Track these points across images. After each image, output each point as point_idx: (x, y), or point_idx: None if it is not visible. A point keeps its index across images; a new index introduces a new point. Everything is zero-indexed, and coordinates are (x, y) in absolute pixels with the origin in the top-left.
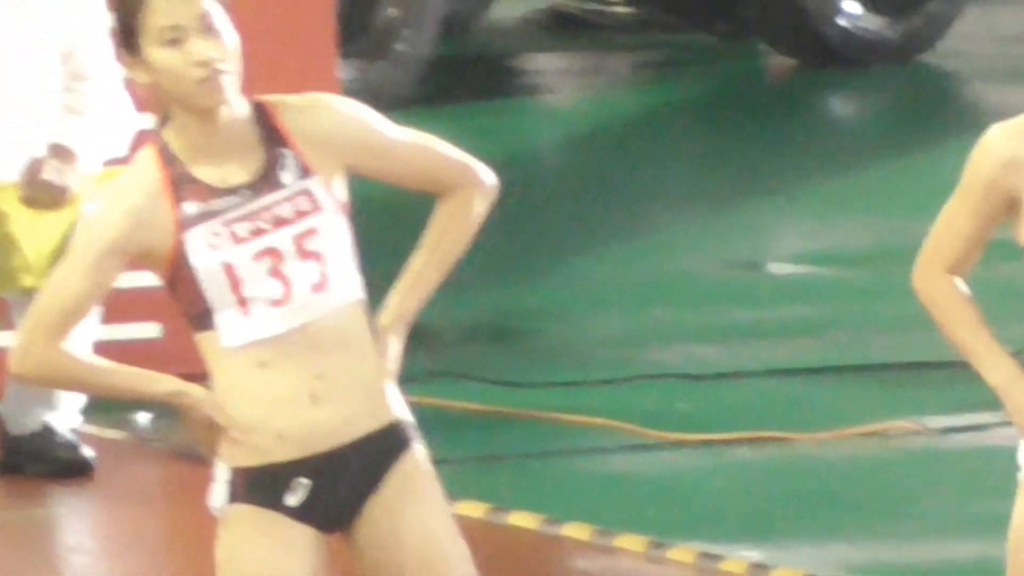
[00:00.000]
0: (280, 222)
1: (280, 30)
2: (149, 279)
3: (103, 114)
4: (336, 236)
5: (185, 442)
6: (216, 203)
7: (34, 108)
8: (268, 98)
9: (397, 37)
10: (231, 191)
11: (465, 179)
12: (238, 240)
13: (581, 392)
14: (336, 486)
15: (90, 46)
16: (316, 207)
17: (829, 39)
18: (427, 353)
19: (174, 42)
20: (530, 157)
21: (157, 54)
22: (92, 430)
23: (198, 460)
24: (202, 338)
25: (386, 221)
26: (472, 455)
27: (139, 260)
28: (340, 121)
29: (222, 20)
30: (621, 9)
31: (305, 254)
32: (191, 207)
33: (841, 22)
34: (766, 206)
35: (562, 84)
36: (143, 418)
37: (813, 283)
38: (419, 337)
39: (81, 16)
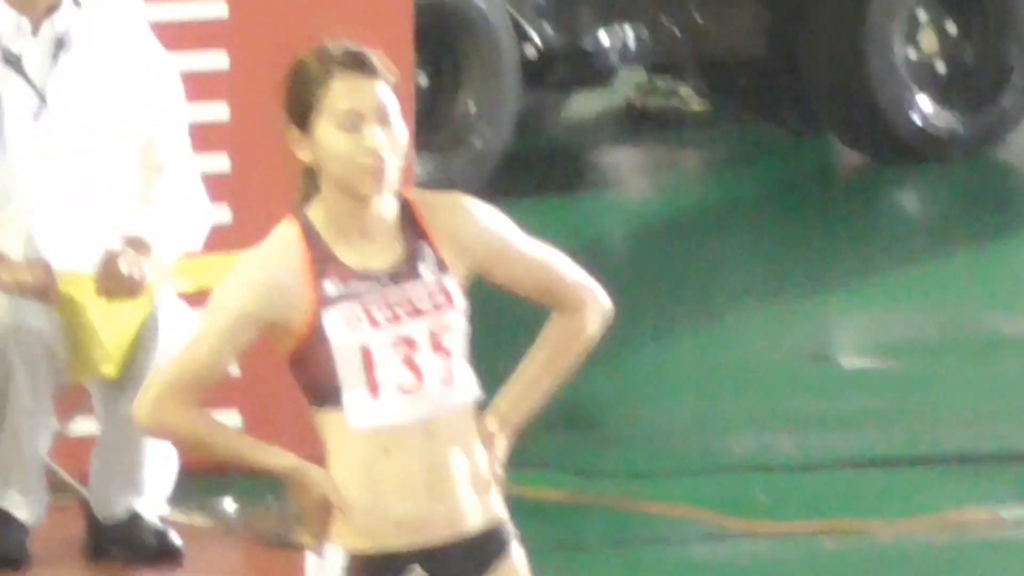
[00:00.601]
0: (417, 312)
1: None
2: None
3: (179, 206)
4: (463, 334)
5: (269, 530)
6: (355, 285)
7: (110, 199)
8: (410, 192)
9: (474, 131)
10: (370, 276)
11: (582, 300)
12: (375, 324)
13: (658, 481)
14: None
15: (169, 138)
16: (450, 303)
17: (901, 135)
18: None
19: (351, 127)
20: (603, 250)
21: (331, 136)
22: (179, 517)
23: (281, 547)
24: (325, 417)
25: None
26: (552, 544)
27: (268, 332)
28: (477, 225)
29: (396, 113)
30: (696, 105)
31: (438, 347)
32: (331, 287)
33: (914, 118)
34: (835, 298)
35: (635, 178)
36: (228, 506)
37: (882, 374)
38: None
39: (161, 108)
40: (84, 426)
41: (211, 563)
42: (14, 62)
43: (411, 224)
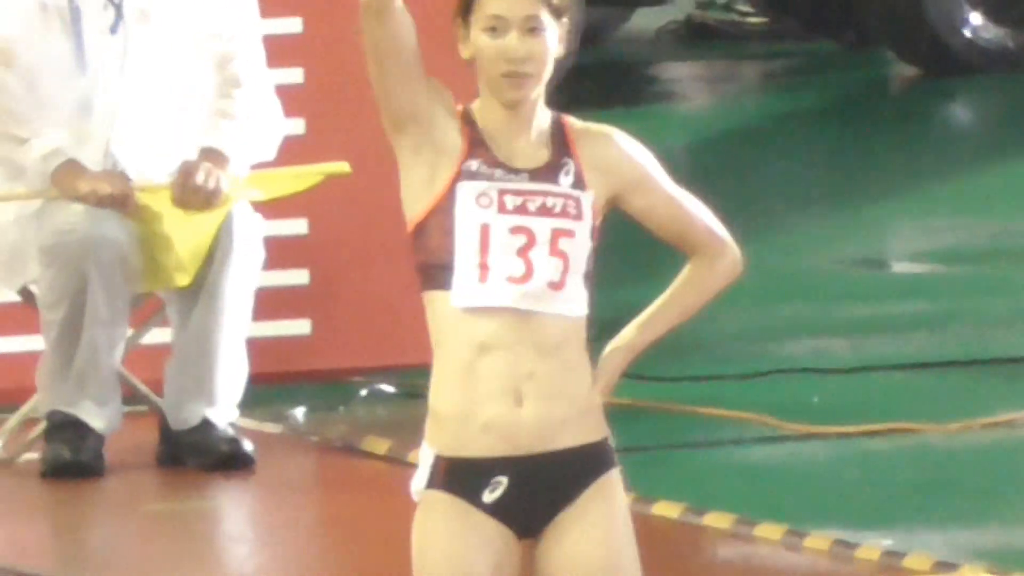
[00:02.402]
0: (545, 211)
1: (430, 37)
2: (297, 278)
3: (254, 118)
4: (584, 250)
5: (339, 437)
6: (497, 171)
7: (187, 111)
8: (566, 116)
9: None
10: (512, 169)
11: (713, 247)
12: (503, 209)
13: (717, 386)
14: (533, 492)
15: (244, 51)
16: (580, 216)
17: (952, 49)
18: None
19: (495, 32)
20: (663, 161)
21: (478, 37)
22: (250, 424)
23: (351, 452)
24: (433, 298)
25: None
26: (616, 447)
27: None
28: (623, 152)
29: (551, 30)
30: (754, 20)
31: (555, 249)
32: (475, 164)
33: (964, 32)
34: (888, 207)
35: (695, 91)
36: (298, 412)
37: (933, 280)
38: (613, 332)
39: (236, 22)
40: (158, 336)
41: (282, 470)
42: None
43: (560, 139)
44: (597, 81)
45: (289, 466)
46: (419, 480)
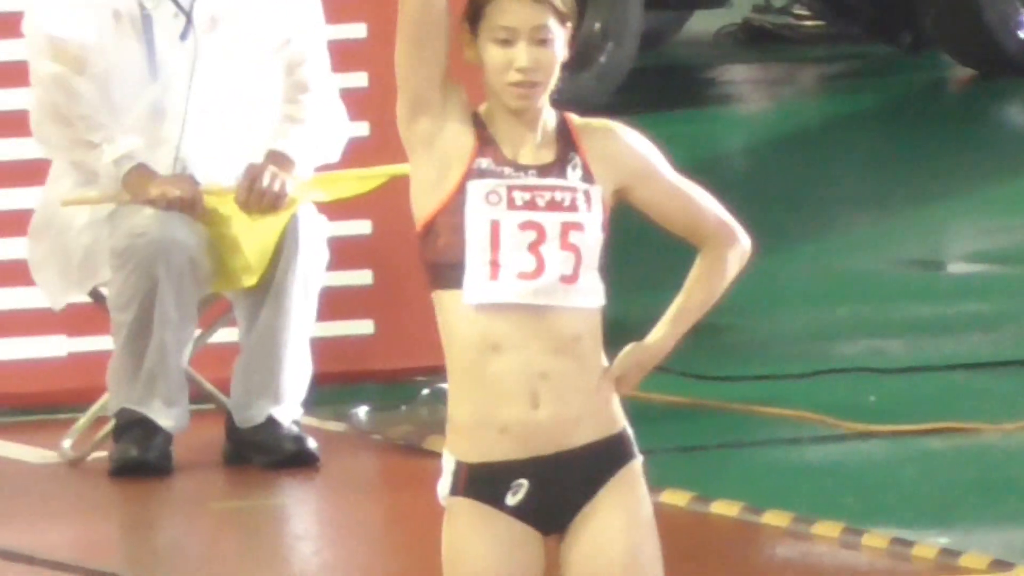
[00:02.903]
0: (554, 205)
1: None
2: (360, 279)
3: (320, 122)
4: (596, 242)
5: (402, 435)
6: (506, 169)
7: (255, 117)
8: (568, 114)
9: (600, 50)
10: (521, 167)
11: (721, 236)
12: (512, 205)
13: (774, 385)
14: (555, 491)
15: (310, 56)
16: (589, 208)
17: (1009, 50)
18: None
19: (504, 42)
20: (721, 163)
21: (487, 46)
22: (314, 422)
23: (414, 451)
24: (443, 297)
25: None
26: (675, 446)
27: (425, 147)
28: (627, 145)
29: (558, 38)
30: (811, 23)
31: (566, 243)
32: (484, 162)
33: (1020, 34)
34: (944, 209)
35: (752, 94)
36: (361, 411)
37: (989, 281)
38: (620, 333)
39: (302, 27)
40: (225, 336)
41: (346, 468)
42: None
43: (565, 136)
44: (656, 84)
45: (353, 465)
46: (444, 486)
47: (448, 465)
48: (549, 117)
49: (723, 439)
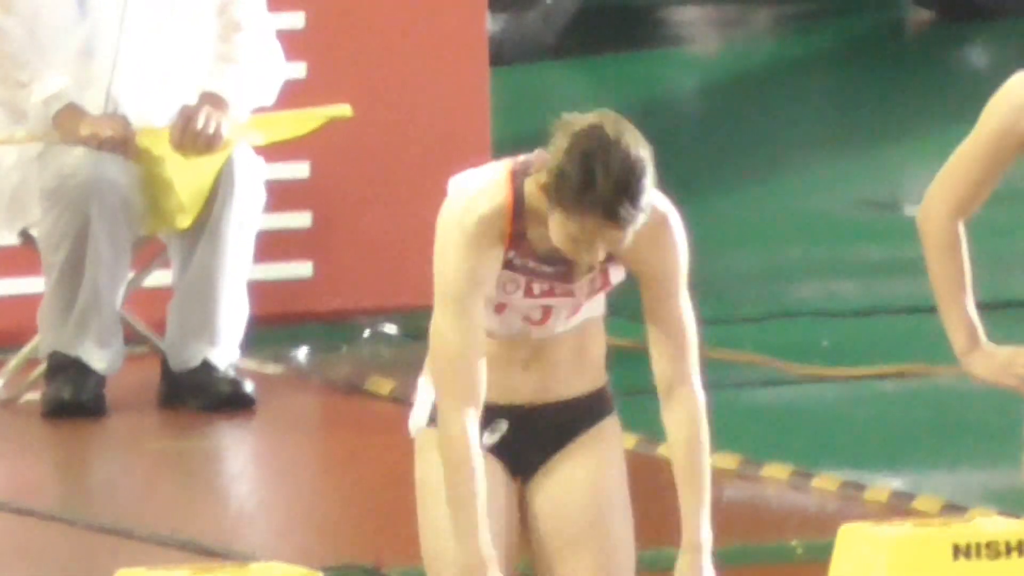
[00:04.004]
0: (570, 293)
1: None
2: (299, 220)
3: (255, 63)
4: (601, 304)
5: (342, 377)
6: (533, 264)
7: (188, 56)
8: None
9: None
10: (549, 261)
11: (681, 389)
12: (529, 294)
13: (726, 328)
14: (532, 435)
15: None
16: (606, 284)
17: None
18: None
19: (577, 238)
20: (672, 104)
21: (560, 226)
22: (251, 365)
23: (354, 392)
24: None
25: None
26: (622, 389)
27: None
28: (667, 241)
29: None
30: None
31: (574, 311)
32: (514, 257)
33: None
34: (899, 150)
35: (704, 35)
36: (300, 353)
37: None
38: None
39: None
40: (159, 278)
41: (284, 410)
42: None
43: None
44: (605, 24)
45: (291, 406)
46: (419, 417)
47: (426, 395)
48: None
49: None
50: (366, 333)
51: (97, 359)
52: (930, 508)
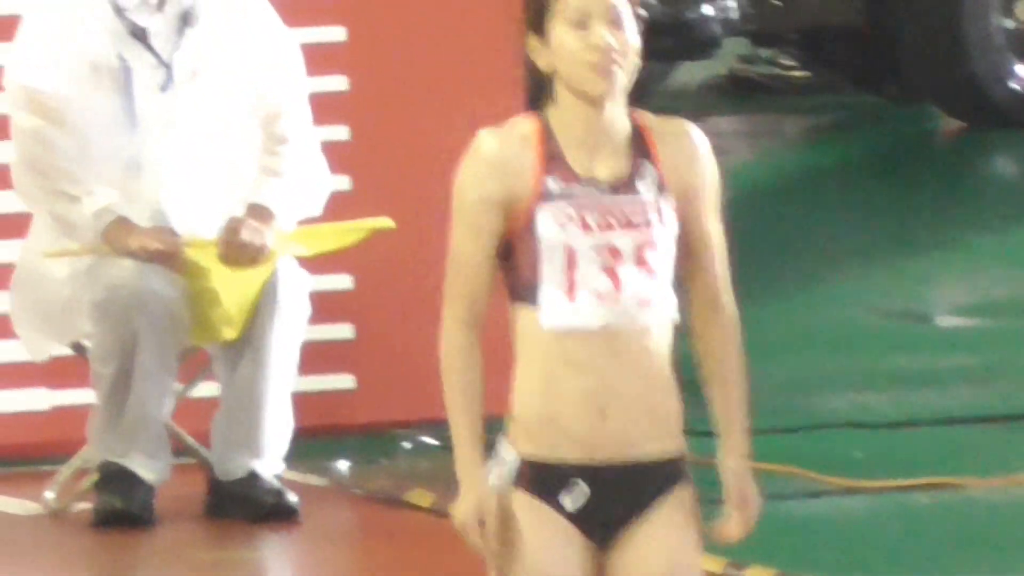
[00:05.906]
0: (628, 224)
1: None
2: (342, 332)
3: (300, 176)
4: (669, 258)
5: (383, 489)
6: (576, 188)
7: (235, 168)
8: (642, 116)
9: None
10: (592, 183)
11: (719, 300)
12: (585, 228)
13: (759, 440)
14: (611, 501)
15: (291, 109)
16: (661, 222)
17: (999, 102)
18: None
19: (580, 24)
20: None
21: (562, 33)
22: (295, 476)
23: (394, 505)
24: (520, 313)
25: None
26: None
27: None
28: (695, 152)
29: (630, 19)
30: (797, 73)
31: (641, 262)
32: (553, 184)
33: (1010, 84)
34: (932, 260)
35: (739, 145)
36: (342, 465)
37: (976, 334)
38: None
39: (283, 80)
40: (206, 389)
41: (326, 521)
42: (140, 36)
43: (639, 144)
44: None
45: (333, 518)
46: (498, 478)
47: (508, 457)
48: (623, 122)
49: (707, 494)
50: (406, 445)
51: (146, 470)
52: None
